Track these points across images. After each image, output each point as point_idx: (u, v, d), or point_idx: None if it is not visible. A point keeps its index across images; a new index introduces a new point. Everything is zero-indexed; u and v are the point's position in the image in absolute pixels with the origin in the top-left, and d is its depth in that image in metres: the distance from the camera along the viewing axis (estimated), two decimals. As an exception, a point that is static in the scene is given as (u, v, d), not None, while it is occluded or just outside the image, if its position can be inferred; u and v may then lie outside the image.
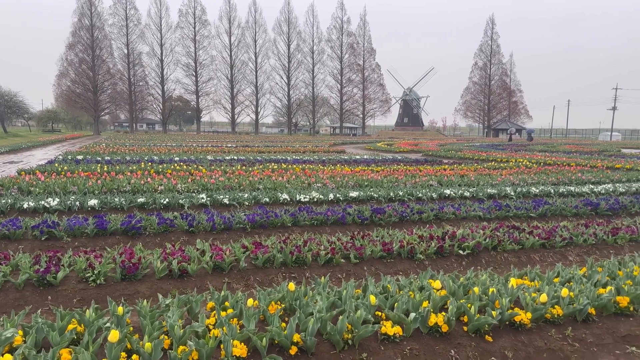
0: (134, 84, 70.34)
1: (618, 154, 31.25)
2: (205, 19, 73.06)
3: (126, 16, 68.57)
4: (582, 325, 4.19)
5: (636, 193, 12.16)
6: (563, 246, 6.96)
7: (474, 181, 13.50)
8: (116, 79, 67.49)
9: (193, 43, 72.30)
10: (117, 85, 67.93)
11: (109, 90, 65.88)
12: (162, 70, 71.31)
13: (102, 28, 65.07)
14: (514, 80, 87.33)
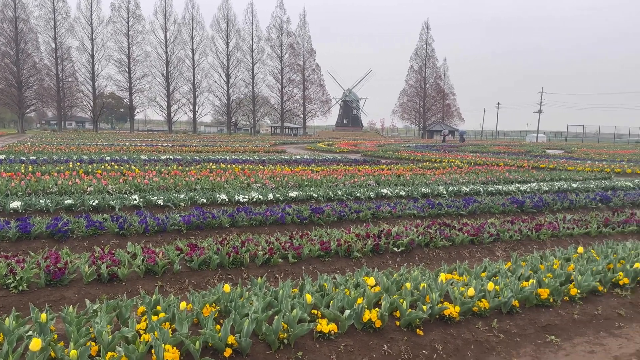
0: (63, 80, 66.76)
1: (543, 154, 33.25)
2: (140, 14, 70.64)
3: (54, 9, 65.00)
4: (506, 317, 4.43)
5: (558, 191, 12.97)
6: (490, 242, 7.31)
7: (409, 181, 13.90)
8: (43, 75, 63.72)
9: (126, 38, 69.66)
10: (44, 81, 64.16)
11: (35, 86, 62.08)
12: (92, 66, 68.14)
13: (28, 20, 61.34)
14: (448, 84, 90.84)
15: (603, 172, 19.17)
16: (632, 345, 4.17)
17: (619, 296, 5.05)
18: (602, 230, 8.19)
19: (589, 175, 17.75)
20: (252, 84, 77.21)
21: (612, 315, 4.72)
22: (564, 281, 5.02)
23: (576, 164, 22.15)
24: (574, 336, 4.30)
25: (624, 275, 5.25)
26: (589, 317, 4.63)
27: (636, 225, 8.56)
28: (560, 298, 4.75)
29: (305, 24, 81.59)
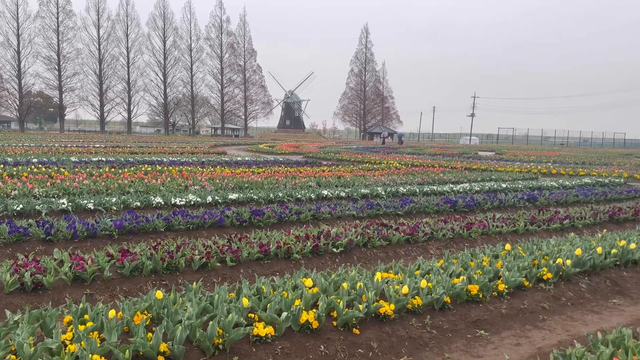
0: (-16, 77, 62.40)
1: (475, 156, 34.73)
2: (70, 9, 67.40)
3: (-26, 0, 60.63)
4: (439, 313, 4.57)
5: (489, 191, 13.58)
6: (425, 241, 7.54)
7: (349, 182, 14.09)
8: (-40, 70, 59.32)
9: (56, 34, 66.17)
10: (-36, 78, 59.75)
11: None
12: (18, 63, 64.13)
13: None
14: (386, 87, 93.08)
15: (530, 172, 20.29)
16: (555, 336, 4.43)
17: (543, 290, 5.36)
18: (529, 228, 8.65)
19: (518, 175, 18.73)
20: (191, 83, 75.54)
21: (537, 309, 4.99)
22: (493, 277, 5.26)
23: (506, 165, 23.30)
24: (501, 330, 4.51)
25: (547, 270, 5.57)
26: (516, 311, 4.87)
27: (559, 223, 9.11)
28: (489, 293, 4.97)
29: (245, 24, 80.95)
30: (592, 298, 5.49)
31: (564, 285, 5.56)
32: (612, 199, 13.15)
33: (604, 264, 6.14)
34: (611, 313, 5.16)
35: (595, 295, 5.57)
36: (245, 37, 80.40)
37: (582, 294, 5.51)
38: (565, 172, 21.13)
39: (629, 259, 6.47)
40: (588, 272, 5.95)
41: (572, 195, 12.73)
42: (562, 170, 21.74)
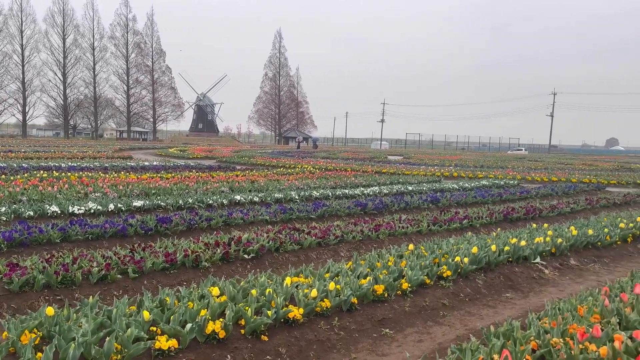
0: None
1: (385, 160, 36.07)
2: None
3: None
4: (347, 314, 4.67)
5: (396, 194, 14.13)
6: (336, 243, 7.67)
7: (263, 186, 14.02)
8: None
9: None
10: None
11: None
12: None
13: None
14: (301, 92, 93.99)
15: (434, 175, 21.43)
16: (454, 331, 4.68)
17: (443, 287, 5.66)
18: (432, 228, 9.11)
19: (423, 178, 19.71)
20: (94, 84, 71.20)
21: (438, 306, 5.26)
22: (397, 276, 5.46)
23: (412, 169, 24.43)
24: (405, 327, 4.69)
25: (447, 268, 5.89)
26: (419, 308, 5.10)
27: (459, 222, 9.68)
28: (394, 292, 5.16)
29: (153, 24, 77.94)
30: (487, 293, 5.89)
31: (463, 281, 5.92)
32: (507, 199, 14.21)
33: (498, 261, 6.61)
34: (504, 306, 5.56)
35: (491, 290, 5.98)
36: (153, 37, 77.40)
37: (479, 290, 5.90)
38: (466, 175, 22.55)
39: (520, 255, 7.02)
40: (484, 269, 6.38)
41: (471, 197, 13.59)
42: (462, 173, 23.17)
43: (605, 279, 6.54)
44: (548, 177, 22.09)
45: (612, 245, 8.56)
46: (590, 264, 7.62)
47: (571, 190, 16.75)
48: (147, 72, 76.47)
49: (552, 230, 8.35)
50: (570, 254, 7.72)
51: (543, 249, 7.30)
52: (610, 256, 8.15)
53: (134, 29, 74.89)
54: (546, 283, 6.54)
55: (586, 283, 6.53)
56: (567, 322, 3.93)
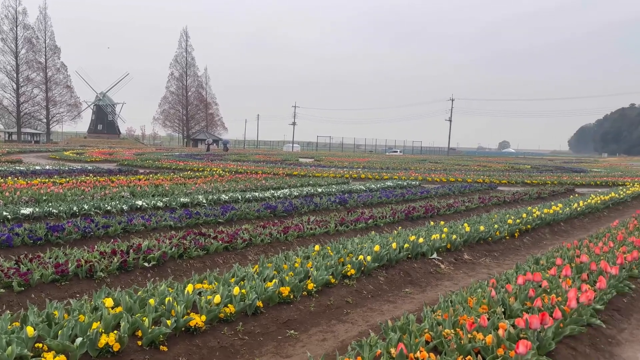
0: None
1: (296, 162, 36.33)
2: None
3: None
4: (252, 318, 4.63)
5: (306, 196, 14.28)
6: (244, 247, 7.59)
7: (168, 190, 13.51)
8: None
9: None
10: None
11: None
12: None
13: None
14: (210, 93, 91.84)
15: (343, 177, 21.96)
16: (356, 328, 4.82)
17: (348, 286, 5.80)
18: (339, 229, 9.32)
19: (332, 180, 20.11)
20: (-24, 81, 64.52)
21: (342, 304, 5.38)
22: (304, 277, 5.52)
23: (322, 171, 24.84)
24: (310, 327, 4.75)
25: (351, 267, 6.05)
26: (324, 307, 5.19)
27: (365, 222, 9.99)
28: (299, 294, 5.20)
29: (46, 18, 72.26)
30: (388, 289, 6.13)
31: (366, 279, 6.11)
32: (409, 199, 14.91)
33: (398, 258, 6.91)
34: (404, 301, 5.82)
35: (391, 286, 6.23)
36: (46, 32, 71.73)
37: (381, 286, 6.13)
38: (372, 176, 23.36)
39: (419, 251, 7.40)
40: (386, 266, 6.64)
41: (377, 197, 14.10)
42: (370, 175, 23.97)
43: (495, 271, 7.07)
44: (447, 177, 23.50)
45: (501, 239, 9.28)
46: (482, 258, 8.21)
47: (467, 190, 17.96)
48: (39, 70, 70.69)
49: (448, 227, 8.88)
50: (464, 249, 8.27)
51: (439, 245, 7.75)
52: (500, 250, 8.84)
53: (24, 23, 68.95)
54: (442, 277, 6.95)
55: (478, 276, 7.02)
56: (458, 314, 4.20)
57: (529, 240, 9.82)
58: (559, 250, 7.21)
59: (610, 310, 5.28)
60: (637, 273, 6.56)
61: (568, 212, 12.05)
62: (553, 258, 6.49)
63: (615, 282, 5.71)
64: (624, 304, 5.65)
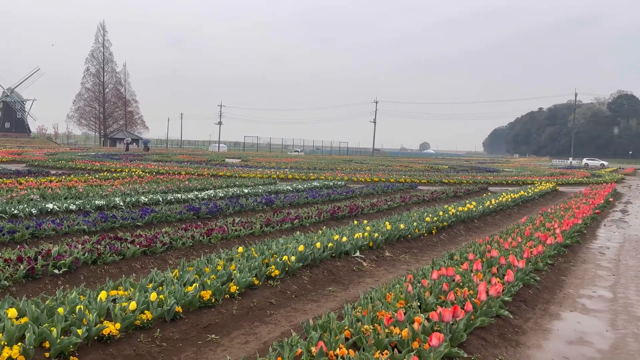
0: None
1: (222, 163, 35.72)
2: None
3: None
4: (170, 324, 4.48)
5: (232, 197, 14.07)
6: (164, 251, 7.33)
7: (82, 193, 12.80)
8: None
9: None
10: None
11: None
12: None
13: None
14: (129, 90, 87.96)
15: (270, 178, 21.88)
16: (279, 329, 4.81)
17: (272, 287, 5.79)
18: (264, 230, 9.26)
19: (259, 181, 19.97)
20: None
21: (265, 305, 5.36)
22: (226, 280, 5.43)
23: (249, 172, 24.61)
24: (232, 330, 4.68)
25: (275, 268, 6.04)
26: (247, 310, 5.14)
27: (290, 223, 10.01)
28: (221, 297, 5.12)
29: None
30: (312, 288, 6.19)
31: (290, 279, 6.13)
32: (335, 199, 15.14)
33: (322, 257, 7.00)
34: (327, 299, 5.90)
35: (315, 285, 6.30)
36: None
37: (305, 286, 6.17)
38: (300, 176, 23.49)
39: (342, 250, 7.53)
40: (310, 265, 6.70)
41: (303, 198, 14.19)
42: (297, 175, 24.08)
43: (413, 267, 7.35)
44: (371, 177, 24.13)
45: (420, 236, 9.67)
46: (402, 255, 8.51)
47: (389, 189, 18.54)
48: None
49: (371, 226, 9.12)
50: (386, 246, 8.53)
51: (362, 243, 7.94)
52: (419, 246, 9.21)
53: None
54: (364, 275, 7.12)
55: (398, 272, 7.27)
56: (377, 310, 4.32)
57: (445, 237, 10.31)
58: (472, 246, 7.64)
59: (517, 301, 5.67)
60: (541, 266, 7.10)
61: (481, 209, 12.79)
62: (466, 253, 6.86)
63: (522, 275, 6.14)
64: (530, 295, 6.09)
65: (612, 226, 13.03)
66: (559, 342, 4.86)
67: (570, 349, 4.68)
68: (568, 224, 9.71)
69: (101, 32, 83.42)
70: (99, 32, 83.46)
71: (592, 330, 5.22)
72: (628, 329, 5.28)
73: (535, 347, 4.68)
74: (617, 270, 8.00)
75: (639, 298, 6.46)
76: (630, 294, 6.63)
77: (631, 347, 4.76)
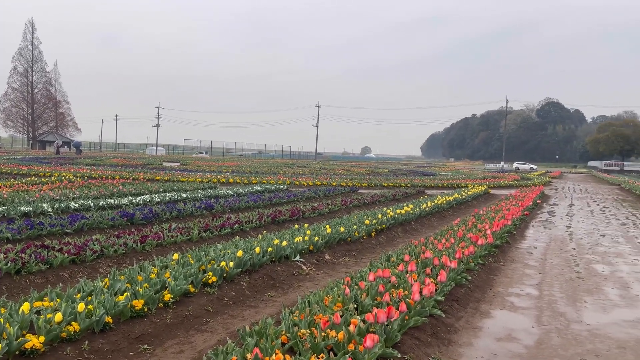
0: None
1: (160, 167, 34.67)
2: None
3: None
4: (100, 335, 4.29)
5: (169, 202, 13.68)
6: (94, 259, 7.01)
7: (7, 199, 12.01)
8: None
9: None
10: None
11: None
12: None
13: None
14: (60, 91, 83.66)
15: (211, 182, 21.46)
16: (215, 336, 4.72)
17: (208, 294, 5.67)
18: (203, 235, 9.07)
19: (199, 185, 19.54)
20: None
21: (201, 313, 5.24)
22: (160, 288, 5.26)
23: (189, 176, 24.04)
24: (166, 340, 4.54)
25: (212, 274, 5.92)
26: (182, 318, 5.00)
27: (230, 228, 9.86)
28: (155, 306, 4.95)
29: None
30: (251, 294, 6.12)
31: (228, 285, 6.03)
32: (276, 203, 15.08)
33: (262, 262, 6.94)
34: (266, 305, 5.85)
35: (254, 291, 6.23)
36: None
37: (243, 292, 6.09)
38: (241, 180, 23.20)
39: (282, 254, 7.51)
40: (249, 271, 6.62)
41: (244, 202, 14.03)
42: (238, 179, 23.78)
43: (352, 270, 7.45)
44: (313, 181, 24.24)
45: (359, 239, 9.82)
46: (342, 258, 8.60)
47: (331, 193, 18.71)
48: None
49: (312, 230, 9.15)
50: (326, 250, 8.59)
51: (302, 247, 7.95)
52: (358, 249, 9.34)
53: None
54: (304, 278, 7.13)
55: (337, 275, 7.33)
56: (314, 313, 4.33)
57: (384, 239, 10.52)
58: (408, 248, 7.84)
59: (450, 300, 5.87)
60: (473, 266, 7.40)
61: (418, 212, 13.17)
62: (402, 255, 7.03)
63: (455, 274, 6.37)
64: (462, 294, 6.32)
65: (540, 227, 13.80)
66: (488, 339, 5.07)
67: (499, 346, 4.90)
68: (498, 225, 10.18)
69: (29, 30, 78.92)
70: (27, 29, 78.91)
71: (519, 327, 5.48)
72: (552, 324, 5.59)
73: (467, 345, 4.86)
74: (543, 269, 8.47)
75: (562, 295, 6.87)
76: (554, 291, 7.03)
77: (554, 342, 5.04)
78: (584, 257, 9.57)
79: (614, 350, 4.83)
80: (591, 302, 6.50)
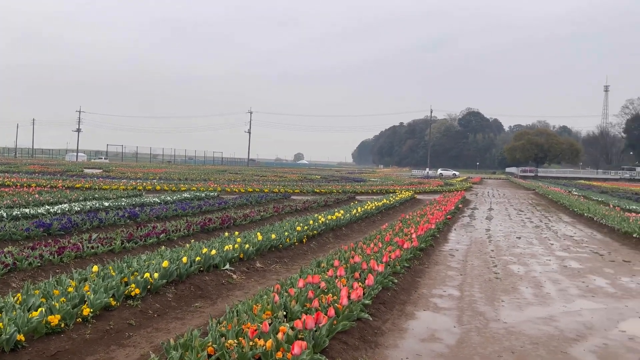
0: None
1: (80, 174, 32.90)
2: None
3: None
4: (11, 355, 3.99)
5: (90, 210, 13.00)
6: (6, 273, 6.50)
7: None
8: None
9: None
10: None
11: None
12: None
13: None
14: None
15: (136, 190, 20.65)
16: (138, 351, 4.53)
17: (131, 307, 5.44)
18: (126, 246, 8.68)
19: (123, 193, 18.72)
20: None
21: (124, 327, 5.01)
22: (79, 302, 4.98)
23: (112, 183, 22.99)
24: (85, 357, 4.30)
25: (135, 286, 5.68)
26: (102, 333, 4.76)
27: (156, 237, 9.52)
28: (72, 321, 4.68)
29: None
30: (177, 305, 5.94)
31: (152, 298, 5.81)
32: (206, 210, 14.76)
33: (189, 272, 6.75)
34: (193, 316, 5.70)
35: (180, 302, 6.05)
36: None
37: (169, 303, 5.90)
38: (169, 188, 22.52)
39: (211, 263, 7.35)
40: (175, 282, 6.42)
41: (172, 210, 13.62)
42: (166, 186, 23.06)
43: (283, 277, 7.43)
44: (245, 188, 24.00)
45: (291, 246, 9.82)
46: (273, 265, 8.57)
47: (263, 200, 18.62)
48: None
49: (242, 237, 9.04)
50: (257, 257, 8.51)
51: (232, 255, 7.83)
52: (290, 256, 9.34)
53: None
54: (234, 287, 7.03)
55: (268, 283, 7.29)
56: (242, 322, 4.28)
57: (315, 245, 10.60)
58: (338, 253, 7.95)
59: (377, 303, 6.01)
60: (399, 269, 7.62)
61: (348, 217, 13.40)
62: (332, 260, 7.12)
63: (382, 278, 6.54)
64: (388, 297, 6.50)
65: (461, 230, 14.48)
66: (413, 340, 5.24)
67: (422, 346, 5.07)
68: (423, 229, 10.58)
69: None
70: None
71: (442, 327, 5.71)
72: (472, 324, 5.88)
73: (392, 346, 4.99)
74: (464, 270, 8.89)
75: (482, 295, 7.24)
76: (474, 292, 7.40)
77: (474, 341, 5.30)
78: (501, 258, 10.16)
79: (528, 346, 5.15)
80: (508, 301, 6.90)
